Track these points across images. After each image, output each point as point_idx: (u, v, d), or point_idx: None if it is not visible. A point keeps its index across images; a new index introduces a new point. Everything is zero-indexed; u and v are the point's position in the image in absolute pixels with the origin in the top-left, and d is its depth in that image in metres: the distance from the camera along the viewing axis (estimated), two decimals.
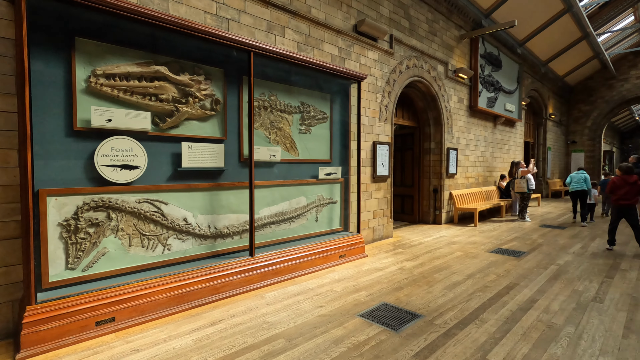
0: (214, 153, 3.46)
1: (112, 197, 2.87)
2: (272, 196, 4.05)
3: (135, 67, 2.94)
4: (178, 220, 3.26)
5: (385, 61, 5.76)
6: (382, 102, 5.74)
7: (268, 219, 4.01)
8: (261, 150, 3.88)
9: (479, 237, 6.19)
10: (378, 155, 5.64)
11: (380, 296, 3.32)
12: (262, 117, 3.93)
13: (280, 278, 3.71)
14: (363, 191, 5.43)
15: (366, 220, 5.51)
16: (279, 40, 4.18)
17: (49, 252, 2.60)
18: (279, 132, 4.11)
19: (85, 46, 2.72)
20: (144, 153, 3.01)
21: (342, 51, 4.98)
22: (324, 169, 4.59)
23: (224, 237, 3.62)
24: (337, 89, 4.80)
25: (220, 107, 3.53)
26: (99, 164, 2.78)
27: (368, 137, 5.51)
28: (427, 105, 7.25)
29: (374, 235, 5.68)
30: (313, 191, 4.52)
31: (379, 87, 5.65)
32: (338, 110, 4.84)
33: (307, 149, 4.42)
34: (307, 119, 4.40)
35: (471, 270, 4.17)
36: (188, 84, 3.24)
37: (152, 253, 3.12)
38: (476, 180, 8.76)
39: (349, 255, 4.54)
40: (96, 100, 2.78)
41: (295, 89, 4.26)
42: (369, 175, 5.56)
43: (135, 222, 3.00)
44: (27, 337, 2.28)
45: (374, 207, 5.65)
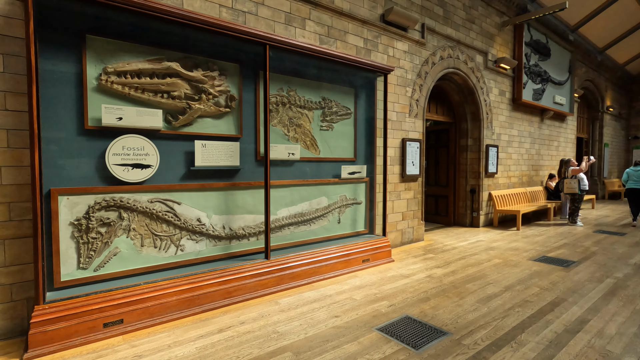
0: (229, 151, 3.34)
1: (124, 197, 2.83)
2: (291, 196, 3.88)
3: (147, 63, 2.88)
4: (191, 221, 3.18)
5: (416, 52, 5.38)
6: (413, 96, 5.37)
7: (287, 220, 3.84)
8: (279, 149, 3.71)
9: (522, 242, 5.63)
10: (408, 153, 5.28)
11: (404, 307, 3.03)
12: (280, 113, 3.76)
13: (297, 283, 3.52)
14: (391, 191, 5.11)
15: (394, 222, 5.18)
16: (299, 32, 3.98)
17: (61, 252, 2.59)
18: (299, 129, 3.92)
19: (96, 44, 2.68)
20: (155, 152, 2.94)
21: (368, 43, 4.69)
22: (347, 168, 4.34)
23: (239, 239, 3.49)
24: (362, 82, 4.53)
25: (235, 104, 3.41)
26: (110, 163, 2.74)
27: (397, 133, 5.17)
28: (463, 99, 6.73)
29: (403, 238, 5.34)
30: (335, 191, 4.29)
31: (408, 80, 5.29)
32: (363, 106, 4.56)
33: (328, 146, 4.20)
34: (329, 115, 4.17)
35: (510, 281, 3.74)
36: (201, 80, 3.14)
37: (165, 254, 3.05)
38: (519, 180, 8.06)
39: (374, 259, 4.26)
40: (107, 98, 2.75)
41: (316, 84, 4.05)
42: (398, 175, 5.23)
43: (148, 222, 2.95)
44: (35, 336, 2.27)
45: (402, 208, 5.31)
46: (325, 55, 3.71)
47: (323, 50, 3.68)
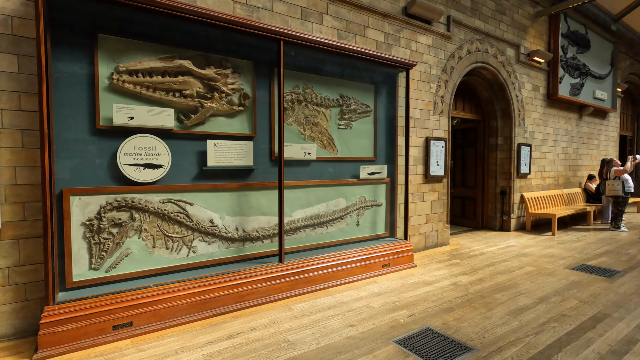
0: (243, 151, 3.25)
1: (136, 197, 2.79)
2: (307, 197, 3.74)
3: (159, 62, 2.83)
4: (204, 222, 3.11)
5: (441, 46, 5.10)
6: (437, 92, 5.10)
7: (302, 222, 3.70)
8: (294, 148, 3.58)
9: (557, 249, 5.21)
10: (432, 153, 5.02)
11: (425, 318, 2.82)
12: (296, 111, 3.64)
13: (312, 288, 3.38)
14: (413, 192, 4.86)
15: (417, 225, 4.93)
16: (316, 28, 3.84)
17: (73, 252, 2.58)
18: (315, 128, 3.78)
19: (108, 43, 2.66)
20: (167, 151, 2.89)
21: (389, 37, 4.48)
22: (367, 168, 4.16)
23: (253, 241, 3.40)
24: (382, 78, 4.32)
25: (249, 102, 3.31)
26: (122, 162, 2.71)
27: (420, 132, 4.92)
28: (493, 95, 6.35)
29: (426, 242, 5.08)
30: (354, 192, 4.11)
31: (433, 75, 5.02)
32: (383, 103, 4.36)
33: (347, 146, 4.03)
34: (348, 113, 4.00)
35: (545, 291, 3.42)
36: (213, 78, 3.06)
37: (177, 255, 3.00)
38: (555, 181, 7.53)
39: (394, 264, 4.05)
40: (119, 97, 2.72)
41: (334, 81, 3.89)
42: (421, 175, 4.97)
43: (159, 222, 2.90)
44: (45, 337, 2.26)
45: (426, 210, 5.05)
46: (343, 50, 3.54)
47: (340, 45, 3.51)
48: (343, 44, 3.54)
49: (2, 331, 2.46)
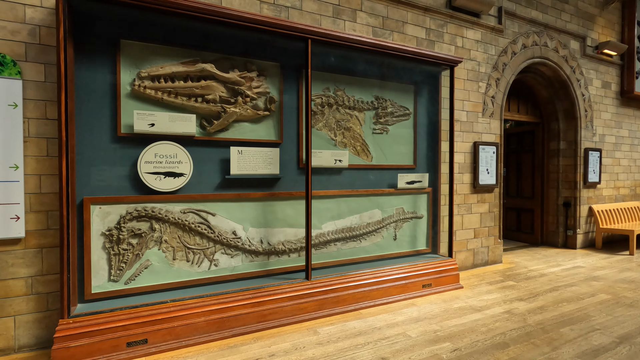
0: (268, 158, 3.05)
1: (156, 207, 2.69)
2: (337, 208, 3.45)
3: (181, 66, 2.73)
4: (226, 234, 2.94)
5: (492, 41, 4.59)
6: (487, 92, 4.57)
7: (332, 235, 3.41)
8: (324, 155, 3.32)
9: (638, 272, 4.39)
10: (481, 159, 4.49)
11: (472, 354, 2.38)
12: (326, 115, 3.38)
13: (342, 308, 3.06)
14: (459, 204, 4.37)
15: (463, 240, 4.42)
16: (349, 26, 3.57)
17: (92, 263, 2.52)
18: (347, 133, 3.49)
19: (130, 48, 2.60)
20: (189, 159, 2.77)
21: (430, 33, 4.09)
22: (405, 177, 3.77)
23: (279, 255, 3.16)
24: (423, 78, 3.93)
25: (275, 106, 3.11)
26: (142, 171, 2.62)
27: (467, 136, 4.43)
28: (553, 93, 5.63)
29: (475, 259, 4.53)
30: (390, 203, 3.74)
31: (482, 74, 4.52)
32: (424, 105, 3.96)
33: (382, 152, 3.69)
34: (383, 117, 3.67)
35: (626, 328, 2.80)
36: (237, 81, 2.90)
37: (198, 268, 2.85)
38: (632, 191, 6.51)
39: (437, 284, 3.60)
40: (140, 103, 2.64)
41: (368, 81, 3.59)
42: (469, 184, 4.46)
43: (180, 234, 2.77)
44: (58, 352, 2.18)
45: (475, 223, 4.51)
46: (378, 47, 3.23)
47: (375, 42, 3.21)
48: (378, 40, 3.23)
49: (25, 341, 2.44)
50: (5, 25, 2.36)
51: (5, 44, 2.36)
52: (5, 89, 2.34)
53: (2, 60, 2.33)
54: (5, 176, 2.35)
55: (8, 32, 2.37)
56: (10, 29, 2.37)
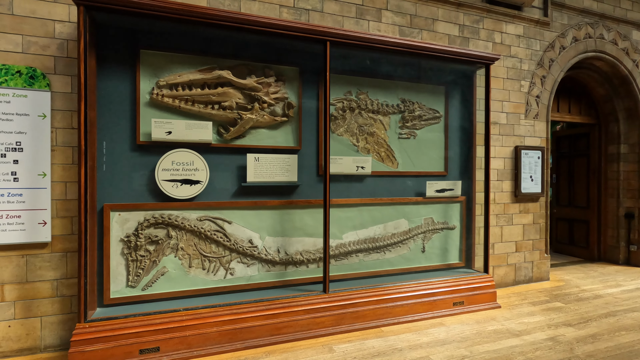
0: (286, 165, 2.96)
1: (173, 214, 2.70)
2: (360, 217, 3.28)
3: (198, 74, 2.73)
4: (242, 242, 2.89)
5: (536, 35, 4.18)
6: (531, 91, 4.16)
7: (354, 246, 3.24)
8: (345, 162, 3.17)
9: None
10: (523, 165, 4.08)
11: None
12: (348, 120, 3.23)
13: (361, 325, 2.88)
14: (498, 214, 3.99)
15: (503, 254, 4.03)
16: (374, 26, 3.41)
17: (111, 268, 2.58)
18: (371, 139, 3.31)
19: (149, 58, 2.65)
20: (205, 167, 2.76)
21: (464, 29, 3.80)
22: (435, 184, 3.51)
23: (297, 265, 3.06)
24: (455, 78, 3.66)
25: (294, 112, 3.03)
26: (160, 178, 2.65)
27: (507, 140, 4.05)
28: (612, 91, 5.02)
29: (517, 275, 4.11)
30: (418, 212, 3.50)
31: (524, 71, 4.12)
32: (457, 107, 3.68)
33: (409, 158, 3.46)
34: (411, 121, 3.45)
35: None
36: (254, 87, 2.86)
37: (214, 277, 2.82)
38: None
39: (470, 303, 3.29)
40: (158, 112, 2.68)
41: (393, 84, 3.39)
42: (509, 193, 4.07)
43: (196, 241, 2.77)
44: (74, 356, 2.23)
45: (516, 236, 4.10)
46: (403, 47, 3.04)
47: (399, 41, 3.02)
48: (403, 39, 3.04)
49: (50, 342, 2.54)
50: (37, 41, 2.50)
51: (36, 59, 2.50)
52: (36, 101, 2.47)
53: (33, 74, 2.47)
54: (34, 183, 2.47)
55: (39, 47, 2.50)
56: (41, 44, 2.51)
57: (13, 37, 2.45)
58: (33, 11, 2.49)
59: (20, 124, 2.44)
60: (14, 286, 2.47)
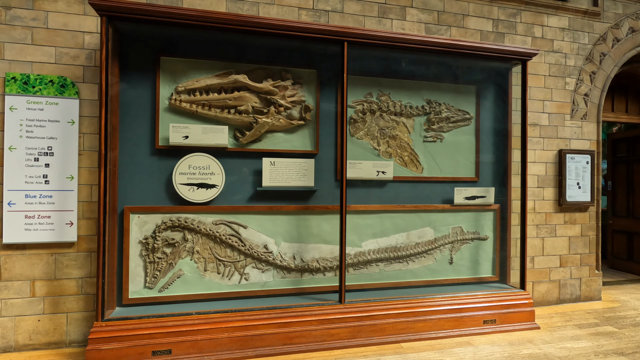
0: (302, 170, 2.89)
1: (189, 217, 2.73)
2: (381, 225, 3.12)
3: (215, 79, 2.76)
4: (257, 247, 2.85)
5: (583, 27, 3.78)
6: (578, 89, 3.76)
7: (374, 255, 3.09)
8: (365, 166, 3.04)
9: None
10: (569, 171, 3.69)
11: None
12: (368, 123, 3.10)
13: (379, 339, 2.72)
14: (538, 224, 3.63)
15: (544, 268, 3.65)
16: (397, 24, 3.26)
17: (130, 269, 2.65)
18: (393, 142, 3.15)
19: (169, 64, 2.72)
20: (221, 171, 2.76)
21: (499, 24, 3.53)
22: (464, 191, 3.26)
23: (313, 272, 2.96)
24: (487, 76, 3.39)
25: (311, 115, 2.96)
26: (177, 182, 2.69)
27: (549, 143, 3.69)
28: None
29: (561, 293, 3.70)
30: (445, 221, 3.27)
31: (569, 67, 3.74)
32: (489, 107, 3.41)
33: (435, 163, 3.25)
34: (437, 123, 3.24)
35: None
36: (270, 91, 2.83)
37: (228, 281, 2.81)
38: None
39: (503, 321, 3.00)
40: (177, 117, 2.73)
41: (418, 84, 3.21)
42: (552, 201, 3.69)
43: (211, 245, 2.77)
44: (91, 353, 2.30)
45: (560, 249, 3.70)
46: (426, 45, 2.86)
47: (422, 39, 2.85)
48: (427, 37, 2.87)
49: (74, 337, 2.66)
50: (67, 52, 2.65)
51: (67, 68, 2.65)
52: (66, 108, 2.62)
53: (64, 83, 2.62)
54: (62, 186, 2.61)
55: (70, 57, 2.66)
56: (72, 54, 2.66)
57: (47, 49, 2.62)
58: (65, 24, 2.65)
59: (51, 129, 2.60)
60: (44, 282, 2.62)
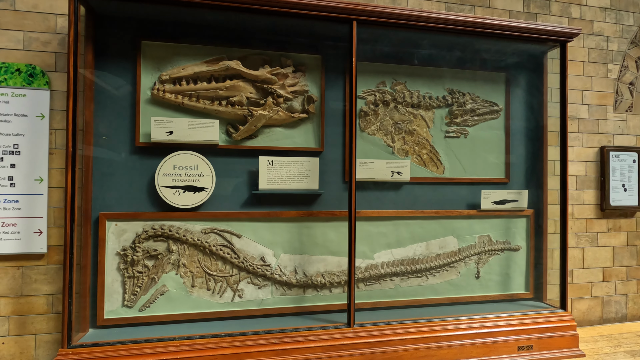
0: (305, 170, 2.51)
1: (174, 225, 2.37)
2: (396, 234, 2.71)
3: (204, 66, 2.40)
4: (253, 260, 2.47)
5: (628, 6, 3.30)
6: (622, 77, 3.29)
7: (388, 268, 2.68)
8: (377, 166, 2.64)
9: None
10: (612, 171, 3.21)
11: None
12: (381, 116, 2.70)
13: None
14: (577, 232, 3.16)
15: (585, 283, 3.17)
16: (414, 3, 2.86)
17: (106, 285, 2.30)
18: (409, 138, 2.74)
19: (151, 50, 2.37)
20: (211, 171, 2.40)
21: (530, 4, 3.09)
22: (492, 194, 2.82)
23: (317, 288, 2.57)
24: (519, 62, 2.96)
25: (315, 107, 2.58)
26: (160, 184, 2.33)
27: (589, 139, 3.22)
28: None
29: (605, 312, 3.22)
30: (471, 229, 2.83)
31: (612, 52, 3.26)
32: (521, 98, 2.97)
33: (459, 161, 2.82)
34: (460, 116, 2.82)
35: None
36: (267, 79, 2.46)
37: (219, 299, 2.43)
38: None
39: (541, 347, 2.55)
40: (161, 109, 2.38)
41: (438, 71, 2.80)
42: (592, 206, 3.22)
43: (200, 257, 2.41)
44: None
45: (603, 260, 3.22)
46: (448, 24, 2.45)
47: (443, 17, 2.44)
48: (450, 14, 2.45)
49: None
50: (38, 37, 2.33)
51: (37, 56, 2.33)
52: (34, 100, 2.29)
53: (32, 72, 2.30)
54: (30, 189, 2.28)
55: (40, 43, 2.34)
56: (42, 40, 2.34)
57: (14, 34, 2.31)
58: (35, 5, 2.33)
59: (18, 125, 2.28)
60: (9, 300, 2.29)
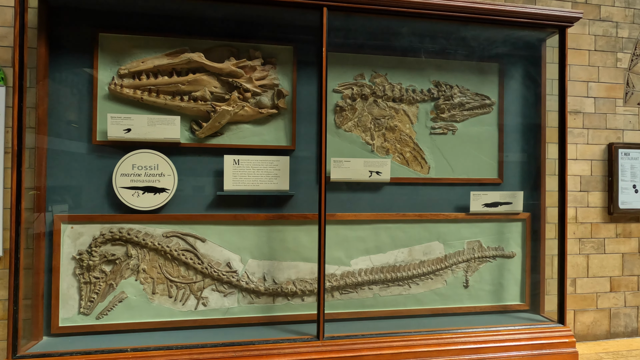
0: (274, 170, 2.34)
1: (133, 228, 2.24)
2: (375, 238, 2.50)
3: (165, 58, 2.25)
4: (218, 265, 2.32)
5: None
6: (633, 67, 2.98)
7: (366, 276, 2.47)
8: (353, 165, 2.44)
9: None
10: (622, 170, 2.91)
11: None
12: (359, 112, 2.50)
13: None
14: (582, 237, 2.88)
15: (590, 293, 2.89)
16: None
17: (61, 291, 2.18)
18: (390, 135, 2.53)
19: (110, 43, 2.24)
20: (172, 171, 2.26)
21: None
22: (483, 196, 2.59)
23: (288, 297, 2.40)
24: (514, 50, 2.70)
25: (286, 102, 2.40)
26: (118, 185, 2.20)
27: (595, 135, 2.93)
28: None
29: (612, 326, 2.92)
30: (459, 234, 2.60)
31: (621, 39, 2.96)
32: (516, 91, 2.71)
33: (446, 160, 2.60)
34: (448, 110, 2.59)
35: None
36: (233, 72, 2.29)
37: (182, 307, 2.29)
38: None
39: None
40: (119, 105, 2.25)
41: (422, 62, 2.58)
42: (599, 208, 2.93)
43: (161, 262, 2.27)
44: None
45: (611, 269, 2.93)
46: (430, 9, 2.23)
47: (426, 2, 2.22)
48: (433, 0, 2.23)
49: None
50: None
51: None
52: None
53: None
54: None
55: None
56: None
57: None
58: None
59: None
60: None
